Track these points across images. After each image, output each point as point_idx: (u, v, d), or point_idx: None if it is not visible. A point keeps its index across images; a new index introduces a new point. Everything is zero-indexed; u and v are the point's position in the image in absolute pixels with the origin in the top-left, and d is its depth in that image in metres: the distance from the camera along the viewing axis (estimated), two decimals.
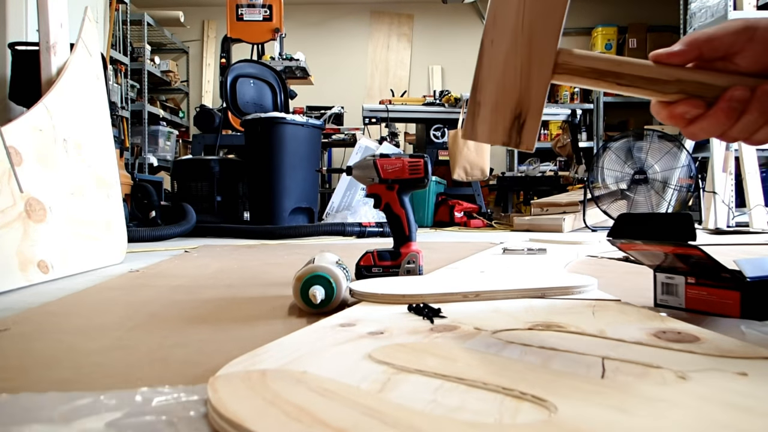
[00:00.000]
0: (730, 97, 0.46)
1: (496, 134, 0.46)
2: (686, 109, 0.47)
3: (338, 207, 3.38)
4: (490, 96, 0.46)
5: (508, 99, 0.45)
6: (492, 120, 0.46)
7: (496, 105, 0.46)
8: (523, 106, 0.45)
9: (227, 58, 3.99)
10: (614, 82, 0.47)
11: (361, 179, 1.03)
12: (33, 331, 0.66)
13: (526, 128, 0.46)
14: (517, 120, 0.45)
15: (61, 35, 1.36)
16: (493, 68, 0.46)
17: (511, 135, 0.46)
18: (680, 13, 4.32)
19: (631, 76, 0.47)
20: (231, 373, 0.41)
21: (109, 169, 1.44)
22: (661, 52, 0.48)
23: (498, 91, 0.45)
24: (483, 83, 0.46)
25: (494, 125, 0.46)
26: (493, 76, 0.45)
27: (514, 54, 0.45)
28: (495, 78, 0.45)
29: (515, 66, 0.45)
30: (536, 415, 0.32)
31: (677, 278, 0.68)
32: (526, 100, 0.45)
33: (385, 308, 0.67)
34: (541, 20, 0.45)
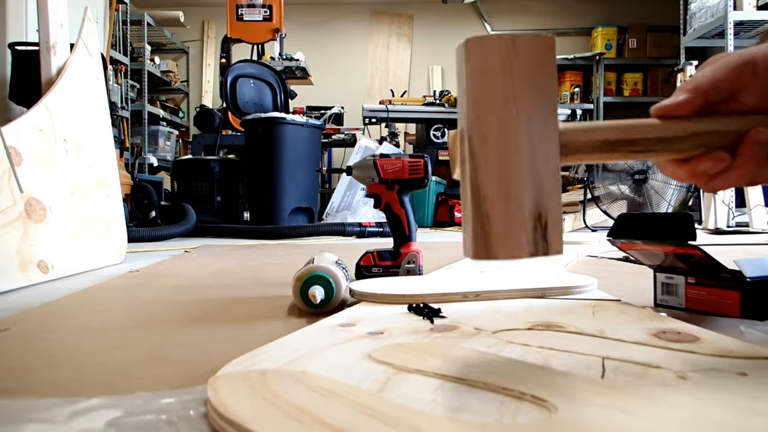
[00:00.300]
0: (754, 141, 0.41)
1: (521, 247, 0.38)
2: (710, 164, 0.42)
3: (338, 207, 3.38)
4: (499, 203, 0.37)
5: (522, 201, 0.37)
6: (510, 231, 0.37)
7: (511, 212, 0.37)
8: (540, 205, 0.38)
9: (227, 58, 3.99)
10: (629, 151, 0.42)
11: (361, 179, 1.03)
12: (33, 331, 0.66)
13: (551, 229, 0.38)
14: (538, 222, 0.38)
15: (61, 35, 1.36)
16: (493, 169, 0.37)
17: (537, 242, 0.38)
18: (680, 13, 4.33)
19: (645, 140, 0.42)
20: (231, 373, 0.41)
21: (109, 169, 1.44)
22: (665, 106, 0.43)
23: (508, 196, 0.37)
24: (486, 190, 0.37)
25: (515, 237, 0.38)
26: (496, 178, 0.37)
27: (515, 148, 0.37)
28: (499, 180, 0.37)
29: (520, 161, 0.37)
30: (536, 416, 0.32)
31: (677, 278, 0.68)
32: (541, 196, 0.38)
33: (385, 308, 0.67)
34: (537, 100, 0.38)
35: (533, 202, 0.37)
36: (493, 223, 0.37)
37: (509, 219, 0.37)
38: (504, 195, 0.37)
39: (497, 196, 0.37)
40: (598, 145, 0.41)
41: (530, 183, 0.37)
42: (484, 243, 0.38)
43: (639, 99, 5.36)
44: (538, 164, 0.38)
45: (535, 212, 0.38)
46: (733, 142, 0.42)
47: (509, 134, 0.37)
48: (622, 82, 5.40)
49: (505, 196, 0.37)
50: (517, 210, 0.37)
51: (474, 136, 0.38)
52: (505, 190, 0.37)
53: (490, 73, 0.37)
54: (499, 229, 0.37)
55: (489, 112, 0.37)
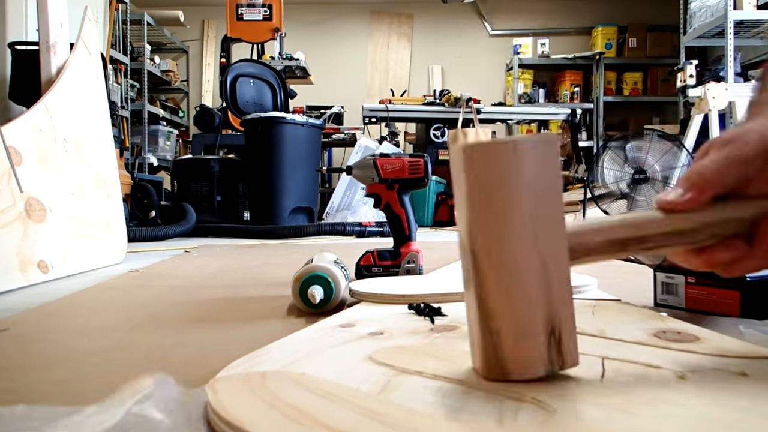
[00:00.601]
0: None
1: (535, 365, 0.36)
2: (728, 255, 0.41)
3: (338, 207, 3.38)
4: (508, 320, 0.35)
5: (533, 316, 0.35)
6: (523, 349, 0.35)
7: (522, 329, 0.35)
8: (553, 317, 0.36)
9: (227, 57, 3.99)
10: (639, 248, 0.39)
11: (361, 179, 1.03)
12: (32, 331, 0.66)
13: (565, 341, 0.36)
14: (552, 337, 0.36)
15: (61, 35, 1.36)
16: (501, 284, 0.35)
17: (552, 358, 0.36)
18: (680, 13, 4.32)
19: (655, 236, 0.39)
20: (231, 375, 0.41)
21: (109, 169, 1.44)
22: (672, 202, 0.40)
23: (518, 312, 0.35)
24: (493, 306, 0.35)
25: (529, 355, 0.35)
26: (504, 294, 0.35)
27: (522, 260, 0.35)
28: (507, 296, 0.35)
29: (528, 274, 0.35)
30: (536, 416, 0.32)
31: (677, 278, 0.68)
32: (553, 308, 0.36)
33: (384, 308, 0.67)
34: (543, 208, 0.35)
35: (545, 315, 0.35)
36: (504, 340, 0.35)
37: (520, 336, 0.35)
38: (513, 311, 0.35)
39: (506, 313, 0.35)
40: (607, 245, 0.39)
41: (540, 296, 0.35)
42: (496, 362, 0.36)
43: (639, 98, 5.36)
44: (547, 275, 0.35)
45: (548, 326, 0.36)
46: (747, 228, 0.40)
47: (515, 247, 0.35)
48: (622, 82, 5.40)
49: (514, 313, 0.35)
50: (529, 326, 0.35)
51: (477, 249, 0.35)
52: (515, 305, 0.35)
53: (493, 184, 0.35)
54: (510, 347, 0.35)
55: (493, 225, 0.35)
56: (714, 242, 0.41)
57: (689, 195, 0.40)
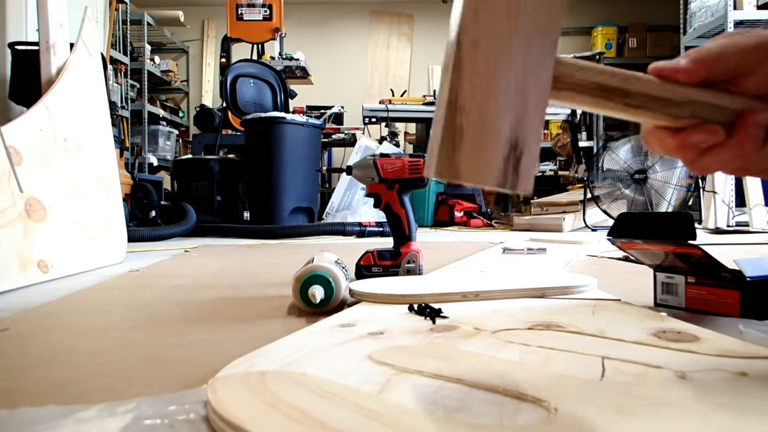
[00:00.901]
0: (753, 121, 0.39)
1: (489, 171, 0.34)
2: (703, 137, 0.40)
3: (338, 207, 3.38)
4: (475, 117, 0.33)
5: (501, 121, 0.34)
6: (481, 151, 0.34)
7: (486, 131, 0.34)
8: (519, 133, 0.34)
9: (227, 57, 3.99)
10: (622, 103, 0.38)
11: (361, 179, 1.03)
12: (32, 331, 0.66)
13: (524, 162, 0.35)
14: (513, 152, 0.34)
15: (61, 35, 1.36)
16: (480, 81, 0.34)
17: (507, 173, 0.34)
18: (680, 13, 4.32)
19: (641, 95, 0.38)
20: (231, 374, 0.41)
21: (109, 169, 1.44)
22: (664, 67, 0.40)
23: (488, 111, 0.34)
24: (464, 101, 0.33)
25: (485, 159, 0.34)
26: (480, 91, 0.34)
27: (508, 61, 0.34)
28: (482, 94, 0.34)
29: (508, 77, 0.34)
30: (536, 416, 0.32)
31: (677, 278, 0.68)
32: (522, 124, 0.34)
33: (384, 308, 0.67)
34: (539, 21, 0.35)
35: (512, 126, 0.34)
36: (465, 138, 0.34)
37: (483, 137, 0.34)
38: (484, 110, 0.34)
39: (476, 110, 0.34)
40: (592, 87, 0.37)
41: (514, 105, 0.34)
42: (450, 159, 0.34)
43: None
44: (526, 87, 0.34)
45: (512, 138, 0.34)
46: (730, 119, 0.40)
47: (503, 46, 0.34)
48: None
49: (484, 111, 0.34)
50: (494, 129, 0.34)
51: (465, 41, 0.34)
52: (487, 105, 0.34)
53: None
54: (469, 146, 0.34)
55: (488, 20, 0.34)
56: (694, 123, 0.40)
57: (683, 64, 0.40)
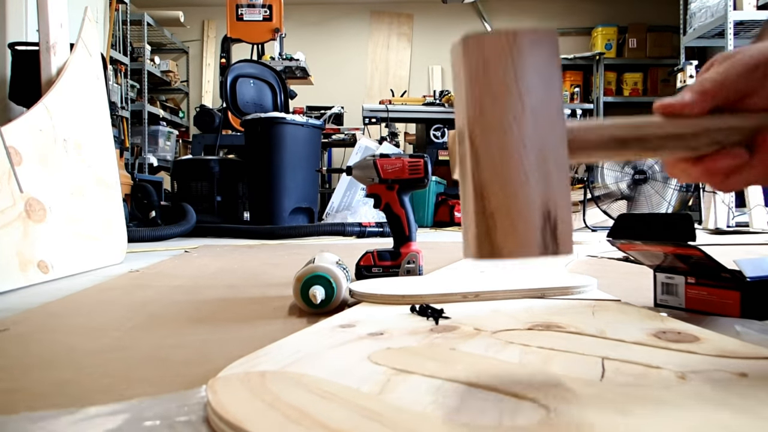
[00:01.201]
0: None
1: (529, 246, 0.35)
2: (727, 162, 0.40)
3: (338, 207, 3.38)
4: (505, 201, 0.35)
5: (530, 197, 0.35)
6: (517, 228, 0.35)
7: (518, 209, 0.35)
8: (549, 201, 0.35)
9: (227, 58, 3.99)
10: (640, 148, 0.39)
11: (361, 179, 1.03)
12: (33, 331, 0.66)
13: (561, 227, 0.35)
14: (547, 221, 0.35)
15: (61, 35, 1.36)
16: (498, 166, 0.35)
17: (546, 241, 0.35)
18: (680, 13, 4.32)
19: (657, 137, 0.39)
20: (231, 375, 0.41)
21: (109, 169, 1.44)
22: (671, 104, 0.40)
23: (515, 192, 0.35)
24: (490, 188, 0.35)
25: (523, 235, 0.35)
26: (501, 175, 0.35)
27: (521, 143, 0.35)
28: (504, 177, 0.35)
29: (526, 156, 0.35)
30: (535, 417, 0.32)
31: (677, 278, 0.68)
32: (550, 192, 0.35)
33: (385, 309, 0.67)
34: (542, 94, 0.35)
35: (542, 198, 0.35)
36: (499, 220, 0.35)
37: (516, 215, 0.35)
38: (511, 192, 0.35)
39: (503, 194, 0.35)
40: (607, 141, 0.38)
41: (538, 179, 0.35)
42: (489, 241, 0.35)
43: (639, 99, 5.36)
44: (546, 160, 0.35)
45: (544, 209, 0.35)
46: (747, 138, 0.40)
47: (514, 129, 0.35)
48: (622, 82, 5.40)
49: (511, 193, 0.35)
50: (525, 206, 0.35)
51: (477, 132, 0.35)
52: (512, 187, 0.35)
53: (492, 69, 0.35)
54: (505, 227, 0.35)
55: (492, 108, 0.35)
56: (714, 149, 0.40)
57: (690, 98, 0.40)
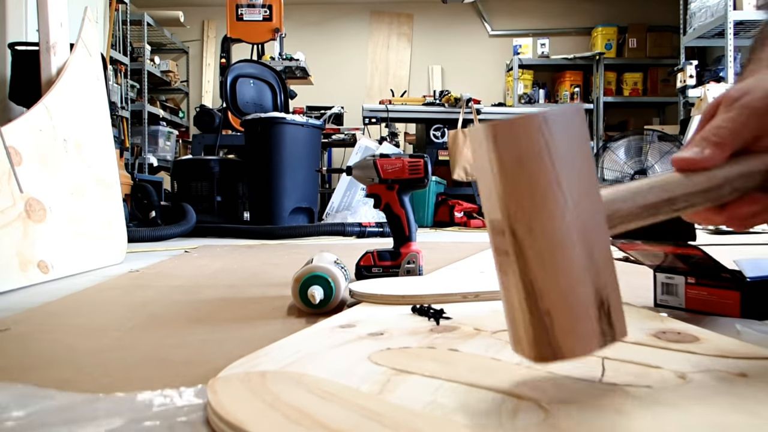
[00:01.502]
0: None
1: (590, 340, 0.34)
2: (749, 209, 0.42)
3: (338, 207, 3.38)
4: (560, 299, 0.33)
5: (584, 290, 0.33)
6: (576, 326, 0.33)
7: (576, 306, 0.33)
8: (601, 289, 0.34)
9: (227, 58, 3.99)
10: (670, 210, 0.39)
11: (361, 179, 1.03)
12: (33, 331, 0.66)
13: (614, 312, 0.34)
14: (602, 309, 0.34)
15: (60, 35, 1.36)
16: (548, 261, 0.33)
17: (604, 331, 0.34)
18: (680, 13, 4.33)
19: (684, 196, 0.39)
20: (231, 375, 0.41)
21: (109, 169, 1.44)
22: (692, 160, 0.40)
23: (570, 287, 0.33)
24: (542, 285, 0.33)
25: (583, 331, 0.33)
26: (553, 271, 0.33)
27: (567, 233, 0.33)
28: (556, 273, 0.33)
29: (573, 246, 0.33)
30: (535, 417, 0.32)
31: (677, 278, 0.68)
32: (600, 279, 0.34)
33: (384, 309, 0.67)
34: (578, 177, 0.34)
35: (594, 288, 0.34)
36: (556, 320, 0.33)
37: (574, 313, 0.33)
38: (565, 287, 0.33)
39: (557, 290, 0.33)
40: (641, 210, 0.38)
41: (586, 267, 0.33)
42: (549, 343, 0.33)
43: (639, 99, 5.37)
44: (589, 244, 0.34)
45: (598, 299, 0.34)
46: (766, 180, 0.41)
47: (558, 220, 0.33)
48: (622, 82, 5.40)
49: (567, 291, 0.33)
50: (581, 301, 0.33)
51: (518, 228, 0.33)
52: (564, 281, 0.33)
53: (527, 159, 0.33)
54: (563, 326, 0.33)
55: (531, 200, 0.33)
56: (735, 197, 0.41)
57: (709, 152, 0.40)
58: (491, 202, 0.35)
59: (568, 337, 0.33)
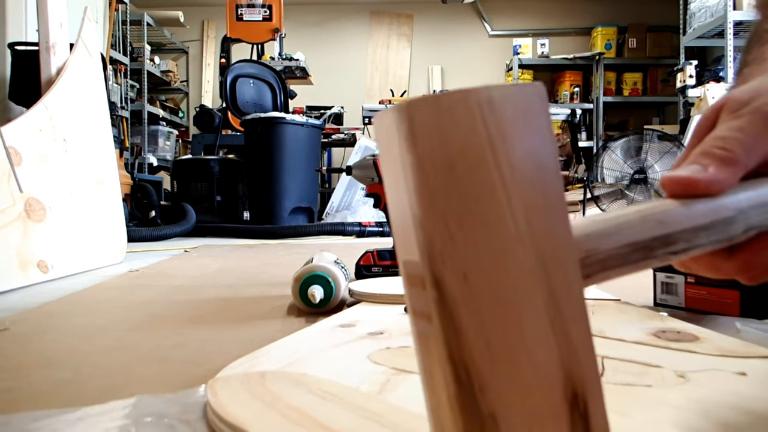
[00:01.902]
0: None
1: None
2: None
3: (338, 207, 3.38)
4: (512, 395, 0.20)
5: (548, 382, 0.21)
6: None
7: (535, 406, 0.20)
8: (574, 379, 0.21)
9: (227, 58, 3.99)
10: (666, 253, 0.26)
11: (361, 179, 1.03)
12: (32, 331, 0.66)
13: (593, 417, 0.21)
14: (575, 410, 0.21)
15: (60, 35, 1.36)
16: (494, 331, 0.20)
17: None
18: (680, 13, 4.33)
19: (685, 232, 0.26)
20: (230, 375, 0.41)
21: (109, 169, 1.44)
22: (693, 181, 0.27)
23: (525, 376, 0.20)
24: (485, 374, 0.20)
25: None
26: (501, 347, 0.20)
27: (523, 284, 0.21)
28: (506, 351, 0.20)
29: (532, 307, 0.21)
30: None
31: (677, 277, 0.68)
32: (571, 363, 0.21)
33: (384, 308, 0.67)
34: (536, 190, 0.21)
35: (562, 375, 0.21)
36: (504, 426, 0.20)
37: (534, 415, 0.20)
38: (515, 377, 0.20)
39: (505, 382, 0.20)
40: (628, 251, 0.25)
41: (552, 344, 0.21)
42: None
43: (639, 99, 5.37)
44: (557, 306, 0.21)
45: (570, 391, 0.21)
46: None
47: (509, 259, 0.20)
48: (621, 82, 5.40)
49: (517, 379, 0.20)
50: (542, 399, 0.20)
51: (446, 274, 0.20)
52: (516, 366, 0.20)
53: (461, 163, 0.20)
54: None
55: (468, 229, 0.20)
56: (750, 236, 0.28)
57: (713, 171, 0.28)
58: (405, 233, 0.22)
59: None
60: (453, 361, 0.20)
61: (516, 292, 0.21)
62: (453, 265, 0.20)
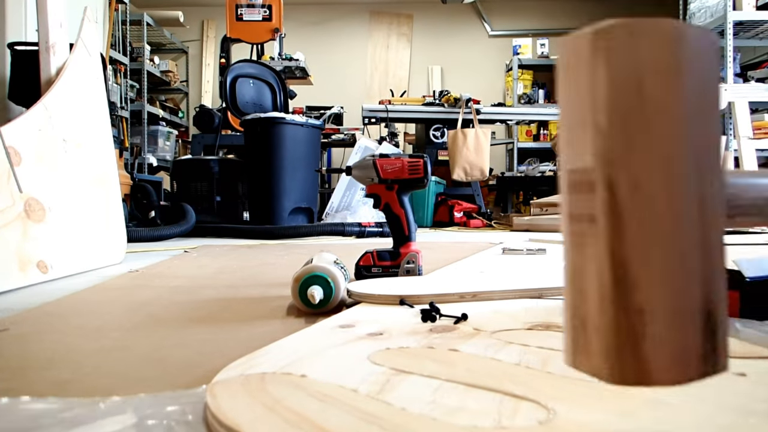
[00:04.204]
0: None
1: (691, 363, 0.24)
2: None
3: (338, 207, 3.38)
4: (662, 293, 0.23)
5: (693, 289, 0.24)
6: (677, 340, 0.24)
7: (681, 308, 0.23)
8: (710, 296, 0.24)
9: (227, 58, 3.99)
10: None
11: (361, 179, 1.03)
12: (32, 331, 0.66)
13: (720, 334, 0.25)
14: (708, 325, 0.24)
15: (60, 35, 1.36)
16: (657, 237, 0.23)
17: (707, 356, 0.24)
18: (680, 13, 4.33)
19: None
20: (230, 377, 0.41)
21: (108, 169, 1.44)
22: None
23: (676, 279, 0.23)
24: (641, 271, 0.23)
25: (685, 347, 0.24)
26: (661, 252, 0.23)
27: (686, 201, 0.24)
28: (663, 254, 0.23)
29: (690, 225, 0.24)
30: (535, 417, 0.32)
31: None
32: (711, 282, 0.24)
33: (384, 309, 0.67)
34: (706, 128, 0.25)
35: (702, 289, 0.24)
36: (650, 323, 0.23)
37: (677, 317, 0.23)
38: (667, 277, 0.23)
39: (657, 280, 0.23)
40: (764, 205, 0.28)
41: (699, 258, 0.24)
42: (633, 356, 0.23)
43: None
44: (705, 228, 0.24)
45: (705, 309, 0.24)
46: None
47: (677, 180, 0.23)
48: None
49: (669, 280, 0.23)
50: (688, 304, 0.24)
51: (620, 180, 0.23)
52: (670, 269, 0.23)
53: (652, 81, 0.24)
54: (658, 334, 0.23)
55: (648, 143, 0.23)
56: None
57: None
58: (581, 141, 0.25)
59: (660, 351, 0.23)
60: (613, 259, 0.23)
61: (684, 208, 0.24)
62: (628, 172, 0.23)
